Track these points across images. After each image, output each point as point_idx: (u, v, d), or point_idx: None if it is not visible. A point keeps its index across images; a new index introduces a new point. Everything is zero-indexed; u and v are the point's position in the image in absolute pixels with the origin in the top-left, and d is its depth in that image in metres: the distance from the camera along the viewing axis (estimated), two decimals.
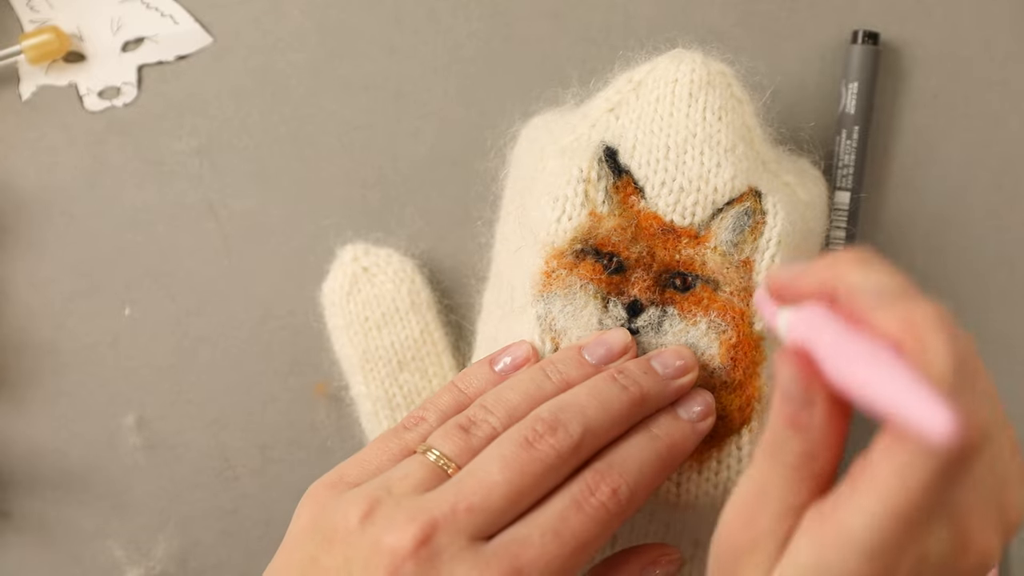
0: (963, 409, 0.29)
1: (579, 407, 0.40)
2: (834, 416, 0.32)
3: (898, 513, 0.30)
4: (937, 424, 0.27)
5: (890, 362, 0.29)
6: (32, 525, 0.56)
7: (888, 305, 0.30)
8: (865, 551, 0.31)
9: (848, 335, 0.30)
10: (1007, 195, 0.54)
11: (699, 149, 0.45)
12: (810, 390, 0.32)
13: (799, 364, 0.31)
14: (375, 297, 0.53)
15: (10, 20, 0.55)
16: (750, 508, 0.34)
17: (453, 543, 0.36)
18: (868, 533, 0.30)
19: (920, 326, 0.30)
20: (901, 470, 0.30)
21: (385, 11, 0.54)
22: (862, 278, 0.32)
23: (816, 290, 0.33)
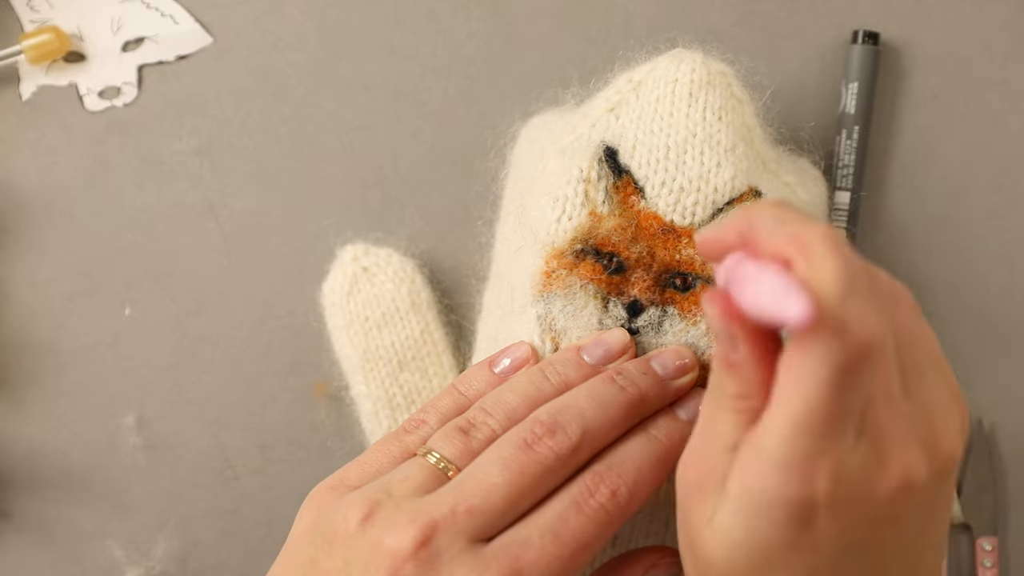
0: (852, 314, 0.30)
1: (577, 409, 0.40)
2: (761, 352, 0.33)
3: (802, 421, 0.31)
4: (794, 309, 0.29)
5: (776, 277, 0.30)
6: (32, 525, 0.56)
7: (780, 229, 0.32)
8: (777, 463, 0.32)
9: (752, 264, 0.32)
10: (1007, 195, 0.54)
11: (699, 149, 0.45)
12: (733, 328, 0.33)
13: (721, 303, 0.33)
14: (375, 297, 0.53)
15: (10, 20, 0.55)
16: (697, 448, 0.36)
17: (453, 545, 0.37)
18: (778, 445, 0.32)
19: (807, 242, 0.31)
20: (799, 379, 0.31)
21: (385, 11, 0.54)
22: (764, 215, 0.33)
23: (735, 238, 0.34)
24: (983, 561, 0.54)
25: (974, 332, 0.54)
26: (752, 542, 0.33)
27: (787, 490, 0.32)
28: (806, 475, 0.32)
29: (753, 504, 0.33)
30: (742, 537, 0.33)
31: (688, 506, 0.36)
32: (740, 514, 0.33)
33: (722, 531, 0.34)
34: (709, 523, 0.34)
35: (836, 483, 0.32)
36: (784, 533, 0.33)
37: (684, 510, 0.36)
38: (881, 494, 0.33)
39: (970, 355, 0.54)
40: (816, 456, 0.32)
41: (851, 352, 0.30)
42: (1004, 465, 0.55)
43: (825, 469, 0.32)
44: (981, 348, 0.54)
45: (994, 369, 0.55)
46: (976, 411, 0.55)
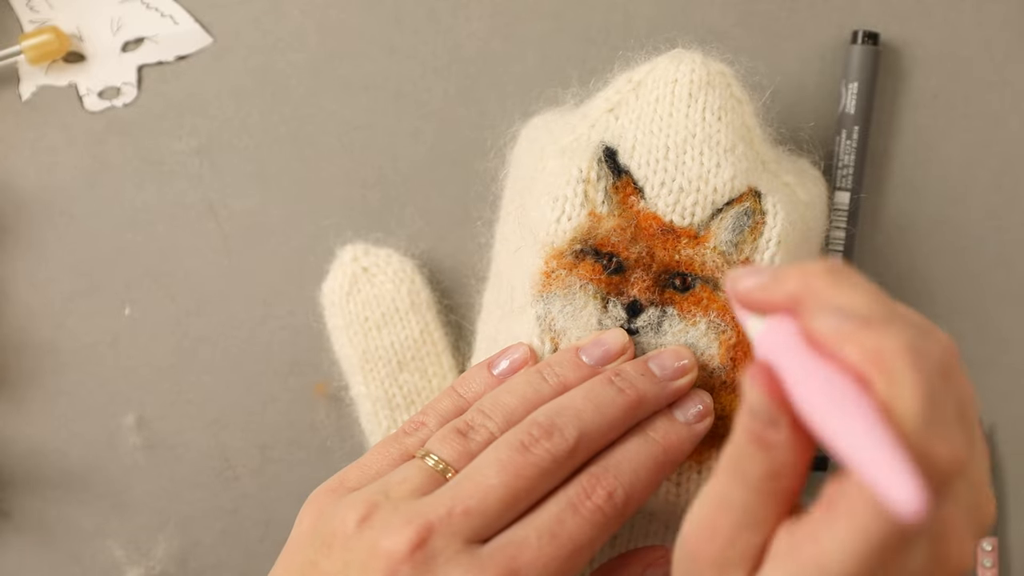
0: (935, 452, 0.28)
1: (575, 411, 0.40)
2: (800, 438, 0.31)
3: (875, 545, 0.29)
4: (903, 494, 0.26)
5: (856, 403, 0.27)
6: (32, 525, 0.56)
7: (856, 333, 0.29)
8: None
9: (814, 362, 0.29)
10: (1007, 195, 0.54)
11: (699, 149, 0.45)
12: (776, 410, 0.31)
13: (766, 381, 0.30)
14: (375, 297, 0.53)
15: (10, 20, 0.55)
16: (711, 522, 0.33)
17: (449, 546, 0.37)
18: (845, 565, 0.29)
19: (888, 359, 0.28)
20: (880, 512, 0.28)
21: (385, 11, 0.54)
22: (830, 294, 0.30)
23: (784, 301, 0.32)
24: (983, 561, 0.54)
25: (974, 332, 0.54)
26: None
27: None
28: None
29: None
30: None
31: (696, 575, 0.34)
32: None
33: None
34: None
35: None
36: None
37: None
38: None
39: (970, 355, 0.54)
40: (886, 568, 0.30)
41: (937, 480, 0.29)
42: (1004, 465, 0.55)
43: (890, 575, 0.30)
44: (981, 348, 0.54)
45: (994, 369, 0.55)
46: None
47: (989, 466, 0.34)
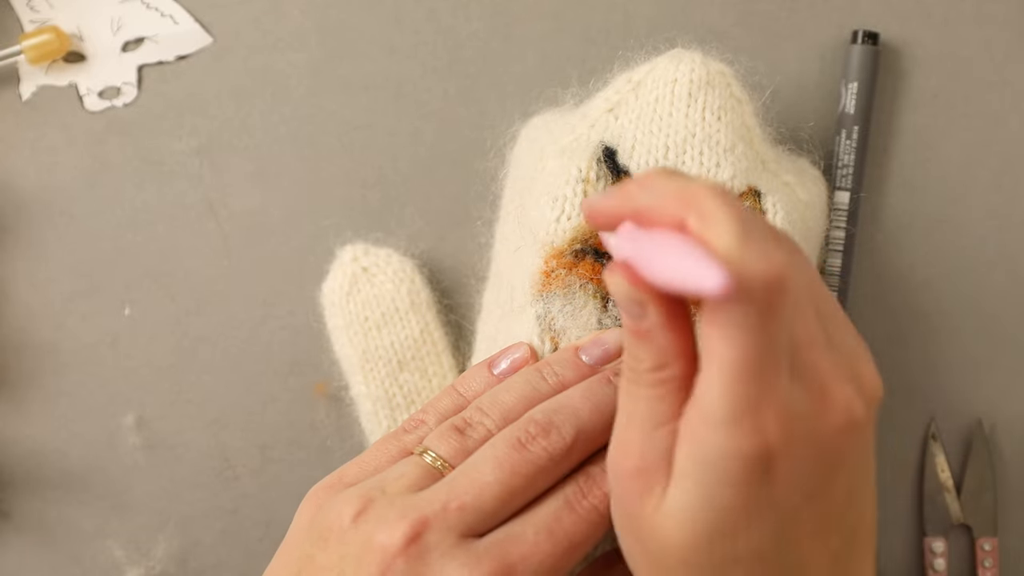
0: (751, 260, 0.30)
1: (572, 409, 0.40)
2: (672, 318, 0.33)
3: (739, 369, 0.31)
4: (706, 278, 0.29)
5: (676, 241, 0.31)
6: (32, 525, 0.56)
7: (672, 194, 0.32)
8: (725, 419, 0.32)
9: (650, 235, 0.32)
10: (1007, 195, 0.54)
11: (698, 149, 0.45)
12: (638, 294, 0.33)
13: (623, 272, 0.33)
14: (375, 297, 0.53)
15: (10, 20, 0.55)
16: (625, 435, 0.35)
17: (444, 540, 0.37)
18: (721, 401, 0.32)
19: (695, 200, 0.31)
20: (724, 330, 0.31)
21: (385, 11, 0.55)
22: (649, 183, 0.33)
23: (625, 210, 0.34)
24: (983, 561, 0.54)
25: (974, 332, 0.54)
26: (712, 512, 0.33)
27: (742, 443, 0.32)
28: (756, 423, 0.32)
29: (708, 470, 0.33)
30: (700, 510, 0.33)
31: (629, 497, 0.35)
32: (695, 486, 0.33)
33: (677, 510, 0.34)
34: (658, 507, 0.34)
35: (785, 424, 0.32)
36: (744, 493, 0.33)
37: (624, 503, 0.36)
38: (829, 431, 0.34)
39: (970, 355, 0.54)
40: (761, 402, 0.32)
41: (767, 291, 0.30)
42: (1004, 465, 0.55)
43: (772, 414, 0.32)
44: (981, 348, 0.54)
45: (994, 369, 0.55)
46: (976, 411, 0.55)
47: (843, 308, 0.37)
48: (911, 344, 0.55)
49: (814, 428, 0.33)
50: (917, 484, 0.55)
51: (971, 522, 0.54)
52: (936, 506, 0.55)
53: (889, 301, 0.54)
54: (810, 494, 0.34)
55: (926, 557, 0.55)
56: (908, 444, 0.55)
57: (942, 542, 0.54)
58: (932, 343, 0.54)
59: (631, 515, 0.35)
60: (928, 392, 0.55)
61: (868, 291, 0.54)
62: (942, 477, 0.54)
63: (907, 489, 0.55)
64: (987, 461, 0.54)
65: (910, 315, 0.54)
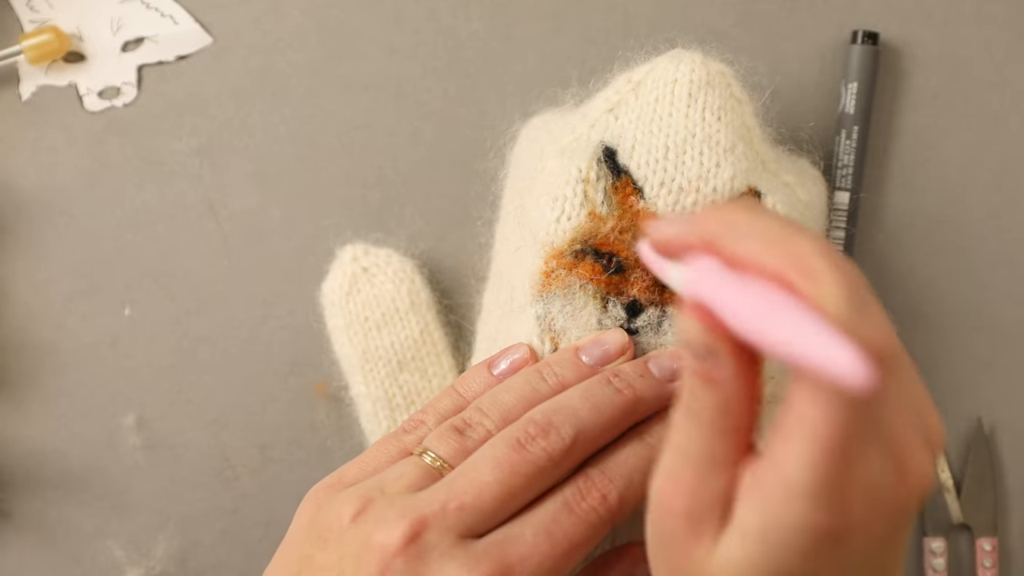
0: (867, 335, 0.28)
1: (572, 410, 0.40)
2: (743, 365, 0.32)
3: (831, 447, 0.29)
4: (847, 367, 0.27)
5: (785, 303, 0.28)
6: (32, 525, 0.56)
7: (772, 245, 0.30)
8: (809, 494, 0.30)
9: (741, 282, 0.30)
10: (1007, 195, 0.54)
11: (698, 149, 0.45)
12: (715, 342, 0.31)
13: (699, 314, 0.31)
14: (375, 297, 0.53)
15: (10, 20, 0.55)
16: (676, 471, 0.33)
17: (443, 540, 0.37)
18: (807, 475, 0.30)
19: (806, 260, 0.29)
20: (823, 405, 0.29)
21: (385, 11, 0.54)
22: (744, 223, 0.31)
23: (701, 242, 0.32)
24: (983, 561, 0.54)
25: (974, 332, 0.54)
26: (772, 573, 0.31)
27: (819, 519, 0.30)
28: (839, 501, 0.30)
29: (778, 536, 0.31)
30: (759, 569, 0.32)
31: (674, 537, 0.34)
32: (759, 546, 0.31)
33: (733, 564, 0.32)
34: (710, 555, 0.32)
35: (868, 503, 0.31)
36: (811, 562, 0.31)
37: (669, 541, 0.34)
38: (906, 502, 0.32)
39: (970, 355, 0.54)
40: (846, 481, 0.30)
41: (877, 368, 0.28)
42: (1004, 465, 0.55)
43: (857, 490, 0.30)
44: (981, 348, 0.54)
45: (994, 369, 0.55)
46: (976, 411, 0.55)
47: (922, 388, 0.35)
48: (911, 344, 0.54)
49: (893, 499, 0.32)
50: None
51: (971, 522, 0.54)
52: (936, 506, 0.55)
53: (889, 301, 0.54)
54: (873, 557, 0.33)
55: (926, 557, 0.55)
56: None
57: (942, 542, 0.54)
58: (932, 343, 0.54)
59: (673, 555, 0.34)
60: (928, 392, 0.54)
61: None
62: (942, 477, 0.54)
63: None
64: (987, 461, 0.54)
65: (910, 315, 0.54)
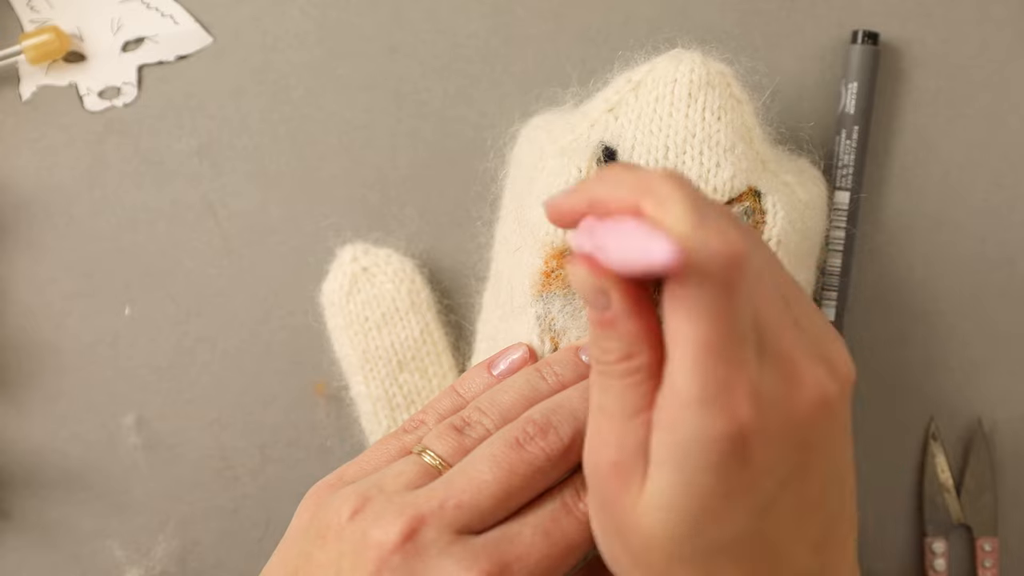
0: (705, 237, 0.30)
1: (571, 410, 0.40)
2: (635, 305, 0.33)
3: (703, 351, 0.31)
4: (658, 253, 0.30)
5: (634, 227, 0.31)
6: (32, 525, 0.56)
7: (628, 184, 0.33)
8: (698, 400, 0.32)
9: (610, 224, 0.33)
10: (1007, 195, 0.54)
11: (698, 149, 0.45)
12: (600, 281, 0.33)
13: (585, 262, 0.33)
14: (375, 297, 0.53)
15: (10, 20, 0.55)
16: (599, 428, 0.35)
17: (440, 538, 0.37)
18: (692, 382, 0.32)
19: (649, 185, 0.32)
20: (688, 312, 0.31)
21: (385, 11, 0.54)
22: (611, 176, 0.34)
23: (586, 204, 0.34)
24: (983, 561, 0.54)
25: (974, 332, 0.54)
26: (691, 498, 0.33)
27: (715, 423, 0.32)
28: (727, 403, 0.32)
29: (684, 455, 0.33)
30: (680, 497, 0.33)
31: (608, 492, 0.35)
32: (672, 473, 0.33)
33: (657, 499, 0.34)
34: (638, 500, 0.34)
35: (757, 404, 0.32)
36: (722, 476, 0.33)
37: (604, 498, 0.35)
38: (802, 412, 0.34)
39: (970, 355, 0.54)
40: (730, 382, 0.32)
41: (725, 268, 0.31)
42: (1004, 465, 0.55)
43: (743, 393, 0.32)
44: (981, 348, 0.54)
45: (994, 369, 0.55)
46: (976, 411, 0.55)
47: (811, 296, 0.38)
48: (911, 344, 0.55)
49: (786, 408, 0.34)
50: (917, 484, 0.55)
51: (971, 522, 0.54)
52: (936, 506, 0.55)
53: (889, 301, 0.54)
54: (787, 477, 0.34)
55: (926, 557, 0.55)
56: (908, 444, 0.55)
57: (942, 542, 0.54)
58: (932, 343, 0.54)
59: (610, 510, 0.35)
60: (928, 392, 0.55)
61: (868, 291, 0.54)
62: (942, 477, 0.54)
63: (907, 489, 0.55)
64: (987, 461, 0.54)
65: (910, 315, 0.54)
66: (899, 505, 0.55)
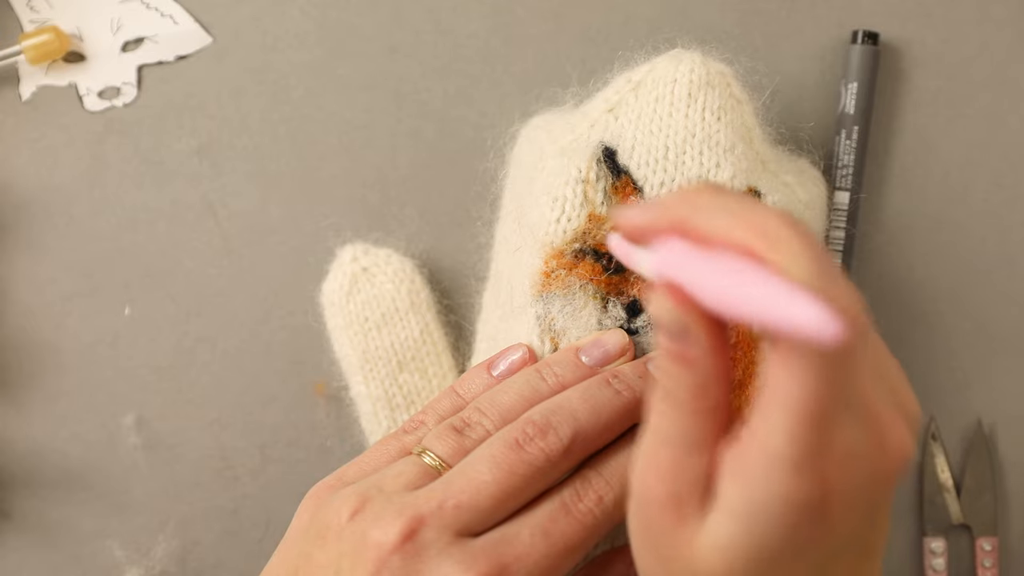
0: (836, 300, 0.28)
1: (570, 411, 0.40)
2: (716, 344, 0.32)
3: (808, 415, 0.29)
4: (817, 324, 0.27)
5: (752, 272, 0.29)
6: (32, 525, 0.56)
7: (736, 218, 0.30)
8: (789, 463, 0.30)
9: (709, 258, 0.30)
10: (1007, 195, 0.54)
11: (698, 149, 0.45)
12: (687, 319, 0.31)
13: (671, 293, 0.31)
14: (375, 297, 0.53)
15: (10, 20, 0.55)
16: (655, 457, 0.33)
17: (440, 538, 0.37)
18: (786, 443, 0.30)
19: (770, 230, 0.29)
20: (799, 374, 0.29)
21: (385, 11, 0.54)
22: (707, 201, 0.32)
23: (668, 224, 0.33)
24: (983, 561, 0.54)
25: (974, 332, 0.54)
26: (757, 550, 0.32)
27: (802, 489, 0.30)
28: (819, 470, 0.30)
29: (761, 511, 0.31)
30: (745, 547, 0.32)
31: (658, 522, 0.33)
32: (744, 523, 0.32)
33: (718, 543, 0.32)
34: (695, 537, 0.33)
35: (846, 471, 0.31)
36: (795, 535, 0.32)
37: (652, 527, 0.34)
38: (885, 474, 0.33)
39: (970, 355, 0.54)
40: (825, 450, 0.30)
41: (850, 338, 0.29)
42: (1004, 465, 0.55)
43: (836, 459, 0.31)
44: (981, 348, 0.54)
45: (994, 369, 0.55)
46: (976, 411, 0.55)
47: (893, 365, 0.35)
48: (911, 344, 0.54)
49: (871, 469, 0.32)
50: (917, 484, 0.55)
51: (971, 522, 0.54)
52: (936, 506, 0.55)
53: (889, 301, 0.54)
54: (858, 532, 0.33)
55: (926, 557, 0.55)
56: None
57: (942, 542, 0.54)
58: (932, 343, 0.54)
59: (658, 541, 0.34)
60: (928, 392, 0.55)
61: (868, 291, 0.54)
62: (942, 477, 0.54)
63: (907, 489, 0.55)
64: (987, 461, 0.54)
65: (910, 315, 0.54)
66: (899, 505, 0.55)
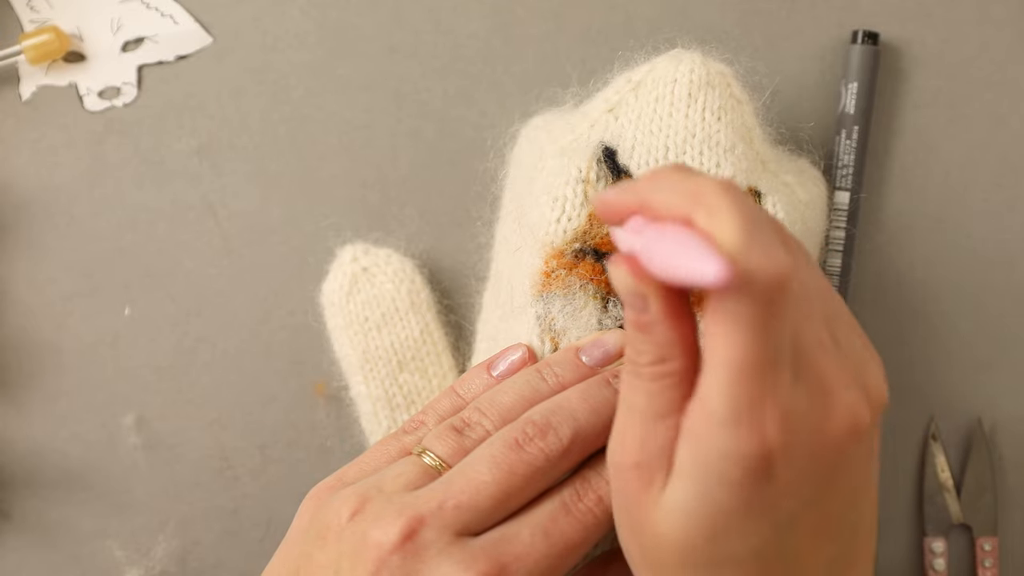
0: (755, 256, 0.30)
1: (570, 411, 0.40)
2: (674, 311, 0.33)
3: (738, 370, 0.31)
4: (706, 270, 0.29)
5: (684, 237, 0.31)
6: (32, 525, 0.56)
7: (680, 191, 0.32)
8: (726, 419, 0.32)
9: (659, 229, 0.32)
10: (1007, 195, 0.54)
11: (698, 149, 0.45)
12: (641, 286, 0.33)
13: (627, 264, 0.33)
14: (375, 297, 0.53)
15: (10, 20, 0.55)
16: (625, 427, 0.35)
17: (439, 538, 0.37)
18: (723, 400, 0.31)
19: (703, 195, 0.31)
20: (727, 328, 0.31)
21: (385, 11, 0.54)
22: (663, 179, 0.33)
23: (635, 204, 0.34)
24: (983, 561, 0.54)
25: (974, 332, 0.54)
26: (711, 510, 0.33)
27: (741, 444, 0.32)
28: (756, 424, 0.32)
29: (708, 469, 0.32)
30: (699, 508, 0.33)
31: (628, 491, 0.35)
32: (695, 483, 0.33)
33: (675, 506, 0.33)
34: (656, 503, 0.34)
35: (787, 427, 0.32)
36: (743, 494, 0.33)
37: (624, 495, 0.35)
38: (831, 437, 0.34)
39: (970, 355, 0.54)
40: (762, 403, 0.32)
41: (768, 289, 0.30)
42: (1004, 465, 0.55)
43: (773, 415, 0.32)
44: (981, 348, 0.54)
45: (994, 369, 0.55)
46: (976, 411, 0.55)
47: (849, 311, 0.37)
48: (911, 344, 0.55)
49: (817, 432, 0.33)
50: (917, 484, 0.55)
51: (971, 522, 0.54)
52: (936, 506, 0.55)
53: (889, 301, 0.54)
54: (810, 498, 0.34)
55: (926, 557, 0.55)
56: (908, 444, 0.55)
57: (942, 542, 0.54)
58: (932, 343, 0.54)
59: (629, 509, 0.35)
60: (928, 392, 0.55)
61: (868, 291, 0.54)
62: (942, 477, 0.54)
63: (907, 489, 0.55)
64: (987, 461, 0.54)
65: (910, 315, 0.54)
66: (899, 505, 0.55)
